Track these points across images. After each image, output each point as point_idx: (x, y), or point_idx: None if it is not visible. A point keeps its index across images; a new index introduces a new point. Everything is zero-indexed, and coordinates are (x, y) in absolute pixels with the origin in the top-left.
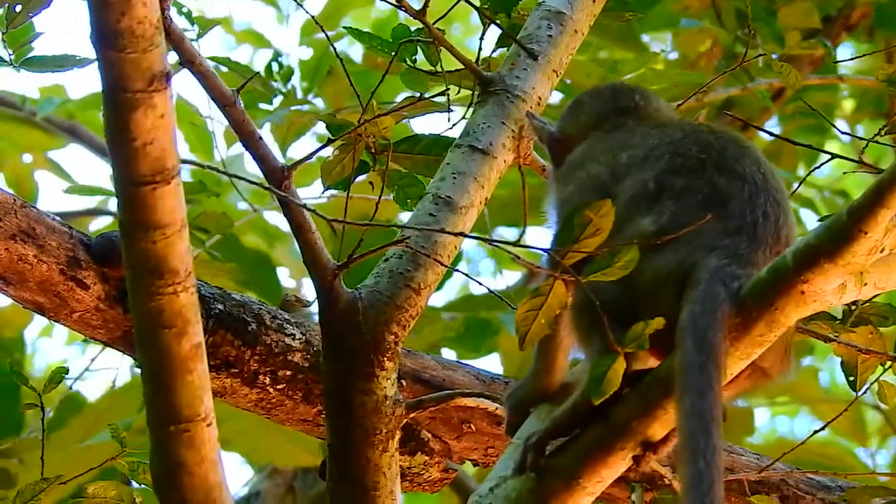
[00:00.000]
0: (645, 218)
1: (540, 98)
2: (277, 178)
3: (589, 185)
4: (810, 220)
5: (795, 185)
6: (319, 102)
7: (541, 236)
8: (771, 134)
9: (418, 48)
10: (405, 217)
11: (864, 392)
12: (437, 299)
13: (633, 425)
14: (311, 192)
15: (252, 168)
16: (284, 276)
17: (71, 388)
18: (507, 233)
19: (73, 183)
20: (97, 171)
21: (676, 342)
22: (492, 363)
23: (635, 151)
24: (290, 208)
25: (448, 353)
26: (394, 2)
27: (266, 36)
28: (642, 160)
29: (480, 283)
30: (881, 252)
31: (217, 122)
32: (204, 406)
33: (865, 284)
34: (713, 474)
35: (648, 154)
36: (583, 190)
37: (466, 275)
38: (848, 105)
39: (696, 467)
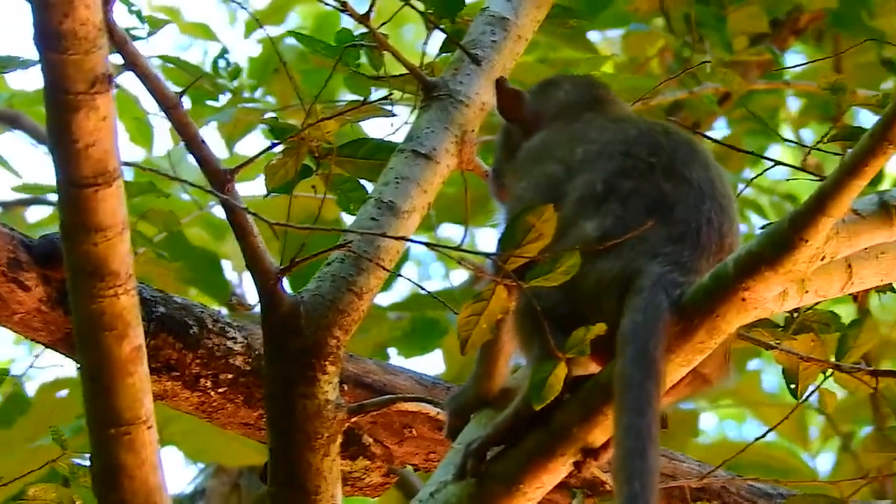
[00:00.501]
0: (590, 222)
1: (483, 103)
2: (220, 181)
3: (542, 184)
4: (759, 223)
5: (741, 187)
6: (269, 98)
7: (488, 236)
8: (715, 140)
9: (362, 53)
10: (348, 220)
11: (805, 400)
12: (386, 299)
13: (573, 431)
14: (256, 188)
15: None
16: (228, 269)
17: (20, 384)
18: (454, 230)
19: (13, 172)
20: (42, 161)
21: (617, 351)
22: (435, 359)
23: (591, 147)
24: (233, 212)
25: (394, 353)
26: (338, 6)
27: (215, 29)
28: (596, 157)
29: (421, 287)
30: (822, 260)
31: (162, 116)
32: (144, 409)
33: (807, 292)
34: (648, 496)
35: (602, 151)
36: (536, 189)
37: (408, 279)
38: (796, 106)
39: (632, 489)
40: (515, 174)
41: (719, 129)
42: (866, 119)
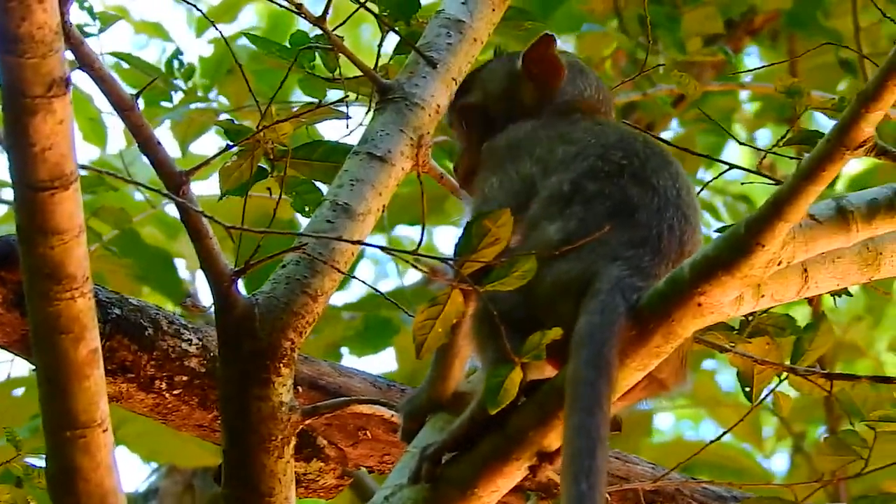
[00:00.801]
0: (552, 224)
1: (438, 106)
2: (175, 183)
3: (515, 186)
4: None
5: (696, 189)
6: (222, 99)
7: (444, 235)
8: (669, 143)
9: (317, 54)
10: (304, 222)
11: (760, 403)
12: (340, 298)
13: (529, 435)
14: (210, 186)
15: None
16: (182, 268)
17: None
18: (408, 229)
19: None
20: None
21: (571, 353)
22: (387, 358)
23: (571, 147)
24: (188, 214)
25: (346, 359)
26: (293, 8)
27: (169, 28)
28: (573, 158)
29: (375, 290)
30: (779, 265)
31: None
32: (100, 412)
33: (763, 296)
34: (595, 496)
35: (580, 152)
36: (507, 190)
37: (362, 281)
38: (751, 107)
39: (578, 489)
40: (489, 164)
41: (673, 130)
42: (822, 121)
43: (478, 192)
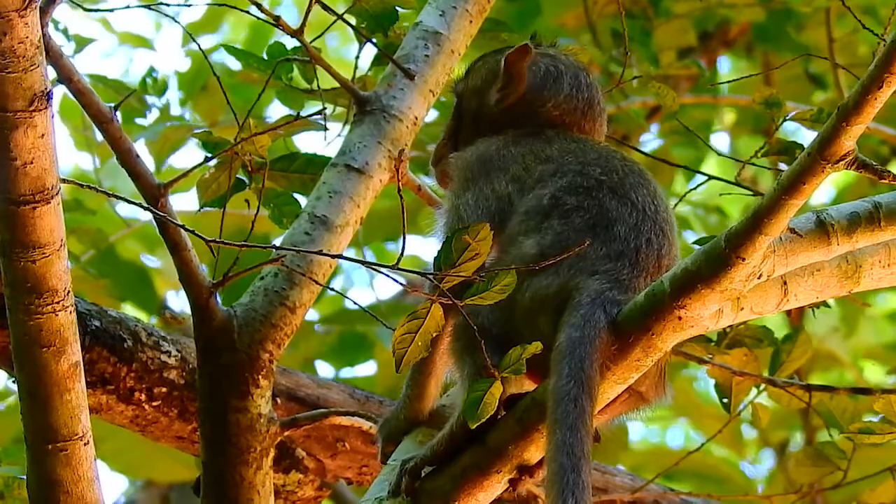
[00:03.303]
0: (529, 239)
1: (416, 118)
2: (154, 196)
3: (490, 206)
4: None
5: (672, 201)
6: (195, 116)
7: (422, 247)
8: (646, 154)
9: (294, 66)
10: (283, 235)
11: (738, 414)
12: (313, 312)
13: (509, 449)
14: (189, 201)
15: None
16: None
17: None
18: (385, 246)
19: None
20: None
21: (552, 367)
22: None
23: (549, 166)
24: (167, 226)
25: (322, 367)
26: (272, 21)
27: (147, 38)
28: (551, 175)
29: (356, 303)
30: (759, 278)
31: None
32: (82, 425)
33: (742, 309)
34: None
35: (558, 170)
36: (482, 209)
37: (343, 295)
38: (729, 118)
39: None
40: (460, 179)
41: (648, 141)
42: (797, 132)
43: (450, 208)
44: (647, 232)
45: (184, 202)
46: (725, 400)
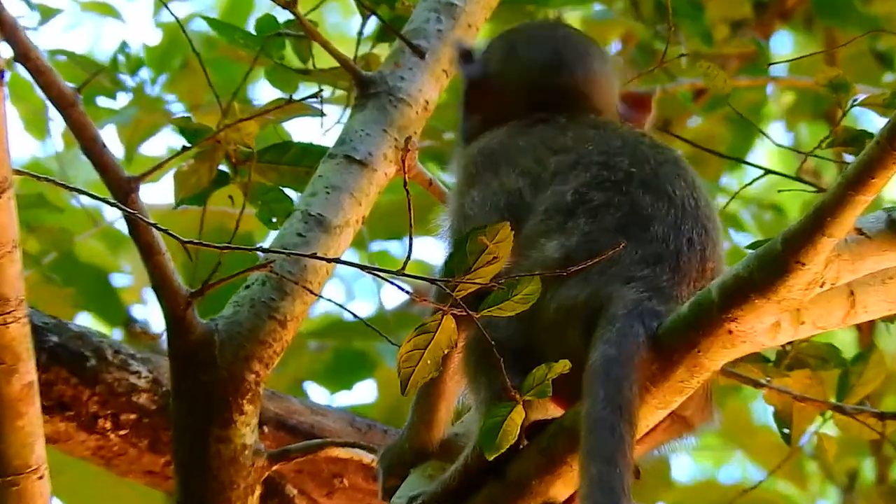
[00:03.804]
0: (552, 241)
1: (427, 101)
2: (123, 191)
3: (500, 201)
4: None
5: (721, 199)
6: (170, 96)
7: (431, 250)
8: (692, 144)
9: (287, 42)
10: (271, 235)
11: (801, 446)
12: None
13: (532, 484)
14: (163, 195)
15: None
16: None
17: None
18: (389, 246)
19: None
20: None
21: (585, 390)
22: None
23: (566, 156)
24: (137, 226)
25: (315, 390)
26: None
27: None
28: (570, 168)
29: (354, 314)
30: (821, 286)
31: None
32: (35, 456)
33: (803, 323)
34: None
35: (578, 161)
36: (490, 206)
37: (340, 305)
38: (784, 100)
39: None
40: (464, 175)
41: (692, 127)
42: (866, 118)
43: (455, 209)
44: (689, 231)
45: (158, 198)
46: (786, 430)
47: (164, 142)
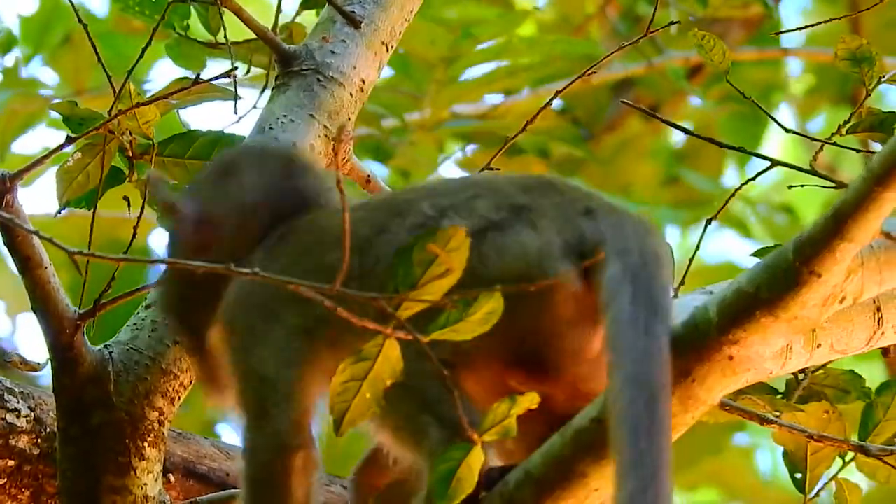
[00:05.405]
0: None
1: (364, 81)
2: None
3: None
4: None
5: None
6: (50, 77)
7: None
8: (686, 131)
9: (193, 10)
10: None
11: (817, 494)
12: None
13: None
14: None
15: None
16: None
17: None
18: None
19: None
20: None
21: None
22: None
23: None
24: (14, 234)
25: (229, 430)
26: None
27: None
28: (380, 230)
29: None
30: (841, 302)
31: None
32: None
33: (819, 346)
34: None
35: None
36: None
37: None
38: (800, 83)
39: None
40: (235, 339)
41: (690, 112)
42: (884, 95)
43: (240, 377)
44: None
45: (37, 203)
46: (798, 475)
47: (45, 135)
